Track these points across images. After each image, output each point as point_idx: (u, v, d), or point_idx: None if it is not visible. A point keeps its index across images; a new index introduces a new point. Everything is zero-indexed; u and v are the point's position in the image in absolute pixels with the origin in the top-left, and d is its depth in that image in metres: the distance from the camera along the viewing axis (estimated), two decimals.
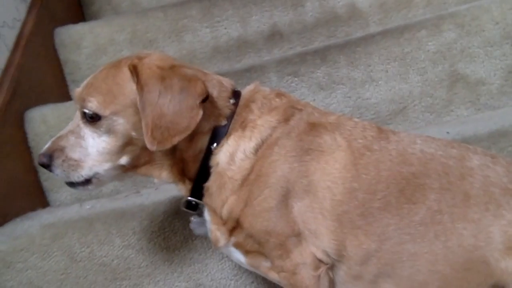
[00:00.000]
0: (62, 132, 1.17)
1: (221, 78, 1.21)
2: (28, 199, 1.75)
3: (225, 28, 2.17)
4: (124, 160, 1.14)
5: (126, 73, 1.11)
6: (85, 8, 2.57)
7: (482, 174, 1.10)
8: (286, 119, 1.15)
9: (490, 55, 1.78)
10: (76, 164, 1.12)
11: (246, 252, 1.17)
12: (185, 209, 1.22)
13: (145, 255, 1.48)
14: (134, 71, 1.09)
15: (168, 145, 1.07)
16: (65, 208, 1.65)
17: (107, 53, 2.18)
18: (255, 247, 1.14)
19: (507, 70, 1.78)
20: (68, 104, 1.92)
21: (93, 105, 1.11)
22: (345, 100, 1.80)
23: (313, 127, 1.15)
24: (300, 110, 1.18)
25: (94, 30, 2.20)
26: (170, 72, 1.09)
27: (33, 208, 1.68)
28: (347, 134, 1.14)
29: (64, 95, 2.15)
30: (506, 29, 1.78)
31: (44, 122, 1.84)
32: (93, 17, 2.53)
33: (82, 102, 1.13)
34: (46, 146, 1.16)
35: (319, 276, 1.09)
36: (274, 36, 2.17)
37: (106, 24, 2.22)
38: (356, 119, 1.21)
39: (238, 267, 1.47)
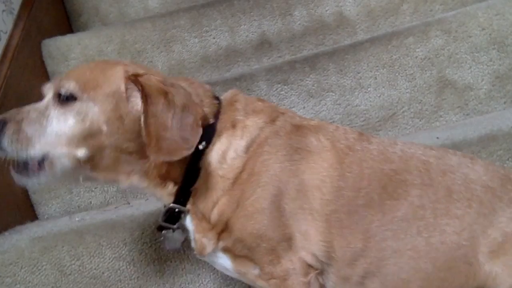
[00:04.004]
0: (26, 107, 1.11)
1: (202, 82, 1.20)
2: (17, 212, 1.73)
3: (214, 38, 2.18)
4: (81, 152, 1.07)
5: (118, 72, 1.09)
6: (72, 20, 2.56)
7: (462, 171, 1.12)
8: (272, 120, 1.15)
9: (477, 61, 1.80)
10: (27, 140, 1.06)
11: (234, 257, 1.15)
12: (163, 224, 1.17)
13: (137, 266, 1.46)
14: (136, 81, 1.07)
15: (176, 157, 1.05)
16: (54, 220, 1.63)
17: None
18: (244, 252, 1.13)
19: (494, 75, 1.80)
20: None
21: (70, 86, 1.07)
22: (335, 107, 1.81)
23: (298, 129, 1.16)
24: (283, 113, 1.19)
25: (82, 41, 2.20)
26: (171, 88, 1.08)
27: (21, 222, 1.65)
28: (329, 136, 1.15)
29: None
30: (493, 34, 1.80)
31: None
32: (81, 28, 2.52)
33: (59, 82, 1.09)
34: (4, 114, 1.10)
35: (309, 282, 1.09)
36: (263, 45, 2.17)
37: (94, 36, 2.21)
38: (336, 124, 1.22)
39: (231, 277, 1.46)
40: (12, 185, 1.76)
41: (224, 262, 1.17)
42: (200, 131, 1.07)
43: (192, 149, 1.06)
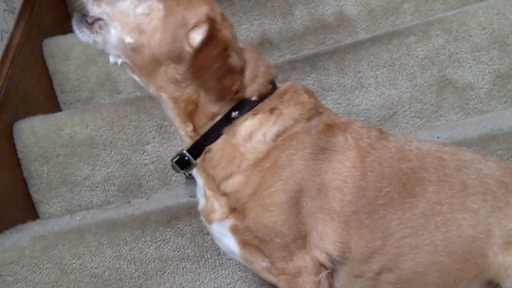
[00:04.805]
0: None
1: (270, 65, 1.22)
2: (18, 211, 1.73)
3: None
4: (129, 38, 1.11)
5: (203, 9, 1.11)
6: None
7: (476, 167, 1.14)
8: (309, 118, 1.16)
9: (478, 60, 1.80)
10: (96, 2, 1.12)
11: (243, 243, 1.14)
12: (172, 164, 1.18)
13: (137, 265, 1.47)
14: (214, 22, 1.09)
15: (217, 91, 1.09)
16: (55, 219, 1.63)
17: (96, 63, 2.17)
18: (255, 242, 1.12)
19: (494, 74, 1.80)
20: (57, 115, 1.91)
21: None
22: (335, 106, 1.81)
23: (329, 128, 1.16)
24: (321, 113, 1.19)
25: None
26: (234, 51, 1.10)
27: (22, 220, 1.66)
28: (355, 134, 1.16)
29: (53, 106, 2.14)
30: (493, 34, 1.80)
31: (33, 133, 1.83)
32: None
33: None
34: None
35: (319, 281, 1.09)
36: (264, 44, 2.17)
37: None
38: (362, 122, 1.24)
39: (232, 275, 1.46)
40: (13, 184, 1.77)
41: (231, 244, 1.16)
42: (234, 95, 1.09)
43: (223, 100, 1.09)
